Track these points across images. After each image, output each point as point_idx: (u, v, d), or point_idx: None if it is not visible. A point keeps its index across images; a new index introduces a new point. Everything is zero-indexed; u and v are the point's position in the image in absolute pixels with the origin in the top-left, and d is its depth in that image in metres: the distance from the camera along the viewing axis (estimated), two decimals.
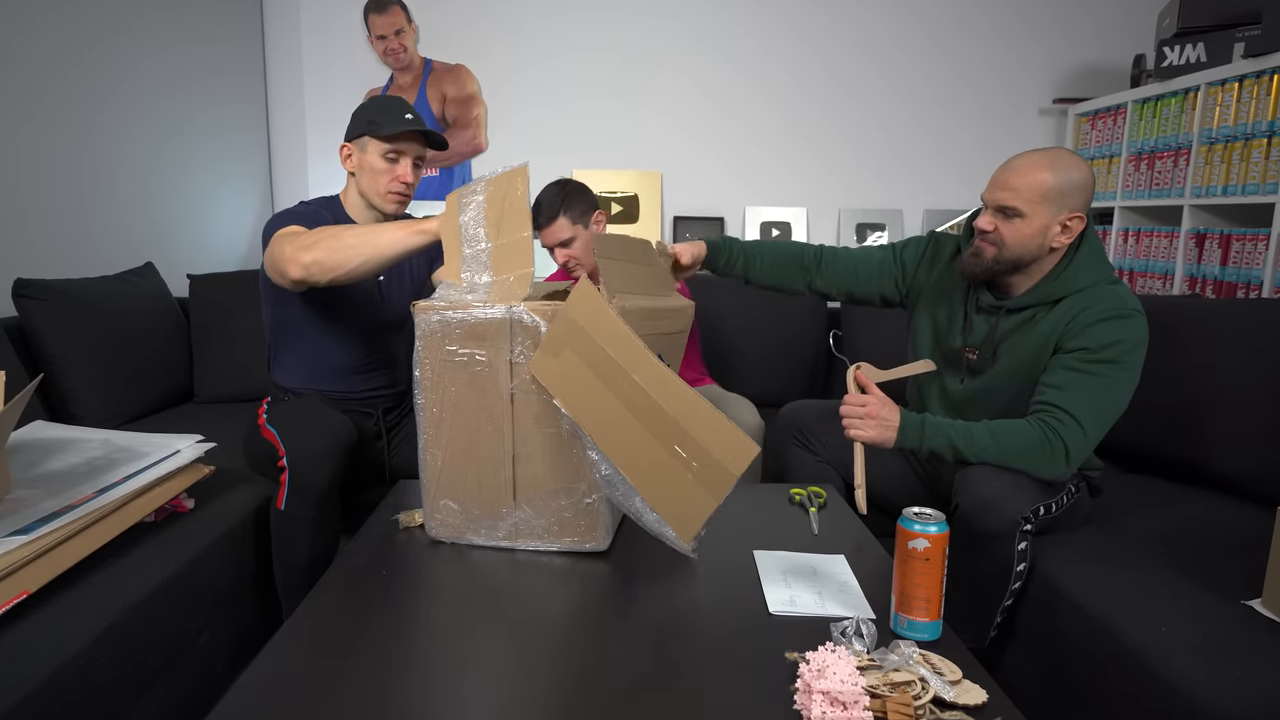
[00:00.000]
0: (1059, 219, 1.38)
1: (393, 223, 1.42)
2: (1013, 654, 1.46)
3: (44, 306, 1.98)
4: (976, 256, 1.46)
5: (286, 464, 1.48)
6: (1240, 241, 2.17)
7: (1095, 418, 1.37)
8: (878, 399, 1.39)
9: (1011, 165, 1.40)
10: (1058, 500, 1.43)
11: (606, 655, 0.98)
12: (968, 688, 0.87)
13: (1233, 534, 1.47)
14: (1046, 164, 1.37)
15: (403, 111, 1.66)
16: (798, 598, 1.09)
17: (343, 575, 1.17)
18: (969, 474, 1.40)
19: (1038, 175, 1.36)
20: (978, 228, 1.45)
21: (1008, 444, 1.38)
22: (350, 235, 1.42)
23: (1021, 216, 1.38)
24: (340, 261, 1.41)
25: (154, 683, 1.24)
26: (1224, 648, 1.09)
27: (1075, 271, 1.43)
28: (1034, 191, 1.36)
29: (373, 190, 1.69)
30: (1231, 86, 2.19)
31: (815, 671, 0.83)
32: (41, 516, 1.13)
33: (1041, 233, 1.38)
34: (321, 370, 1.76)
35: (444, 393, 1.21)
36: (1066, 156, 1.39)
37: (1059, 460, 1.36)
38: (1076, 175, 1.37)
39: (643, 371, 1.08)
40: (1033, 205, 1.36)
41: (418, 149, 1.69)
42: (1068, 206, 1.37)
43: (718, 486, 1.05)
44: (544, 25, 3.01)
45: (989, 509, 1.33)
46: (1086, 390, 1.36)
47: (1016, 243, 1.40)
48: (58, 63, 2.17)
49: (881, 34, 3.00)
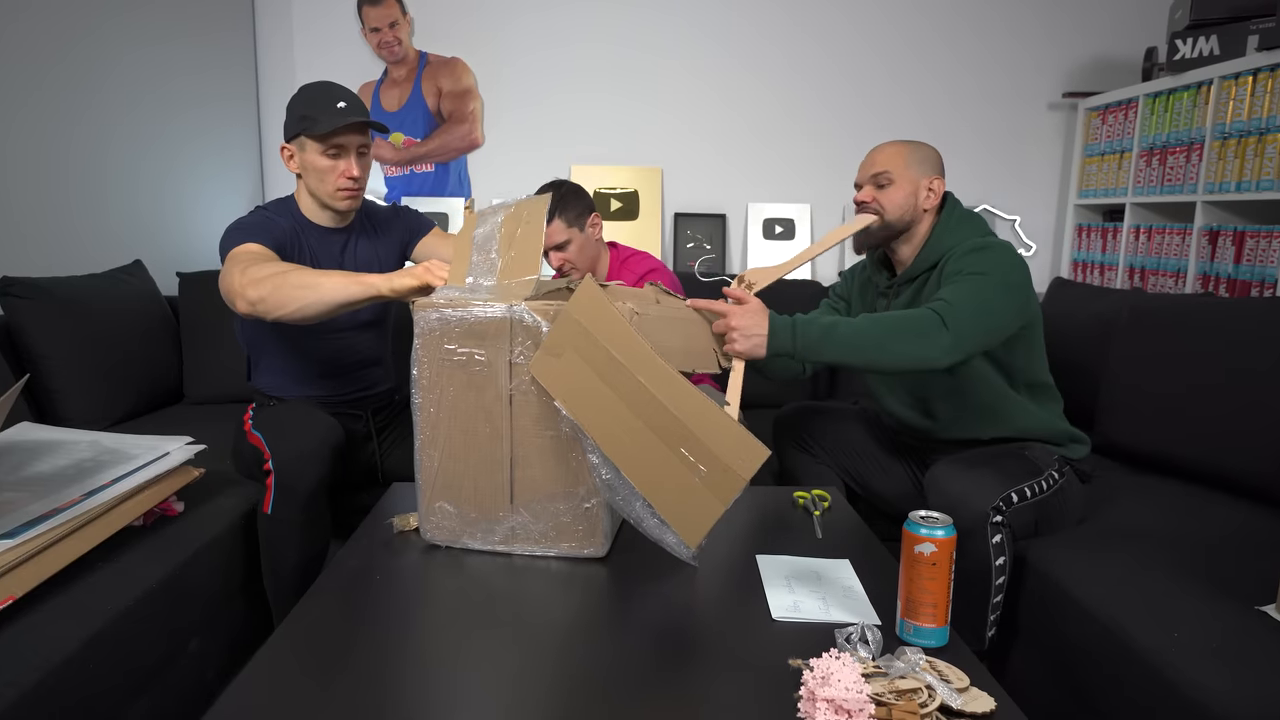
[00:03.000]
0: (923, 183, 1.57)
1: (338, 272, 1.42)
2: (1021, 660, 1.46)
3: (30, 305, 1.97)
4: (864, 230, 1.60)
5: (272, 467, 1.48)
6: (1254, 238, 2.17)
7: (971, 305, 1.41)
8: (740, 309, 1.35)
9: (872, 150, 1.63)
10: (1033, 486, 1.43)
11: (605, 663, 0.97)
12: (975, 695, 0.87)
13: (1246, 537, 1.47)
14: (901, 142, 1.62)
15: (334, 100, 1.60)
16: (801, 603, 1.09)
17: (335, 580, 1.17)
18: (934, 475, 1.43)
19: (894, 148, 1.60)
20: (858, 201, 1.61)
21: (885, 320, 1.40)
22: (296, 277, 1.42)
23: (892, 182, 1.57)
24: (284, 302, 1.40)
25: (143, 690, 1.24)
26: (1239, 655, 1.09)
27: (944, 234, 1.57)
28: (897, 159, 1.58)
29: (321, 190, 1.65)
30: (1245, 80, 2.19)
31: (819, 679, 0.83)
32: (28, 520, 1.13)
33: (912, 194, 1.57)
34: (301, 375, 1.75)
35: (441, 392, 1.21)
36: (915, 141, 1.64)
37: (935, 327, 1.37)
38: (928, 151, 1.61)
39: (647, 372, 1.07)
40: (899, 170, 1.57)
41: (359, 139, 1.62)
42: (926, 171, 1.58)
43: (726, 491, 1.04)
44: (542, 18, 3.01)
45: (957, 507, 1.34)
46: (960, 289, 1.43)
47: (894, 205, 1.57)
48: (43, 57, 2.16)
49: (886, 25, 3.00)
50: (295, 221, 1.69)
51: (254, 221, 1.63)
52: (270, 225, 1.62)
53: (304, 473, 1.48)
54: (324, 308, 1.40)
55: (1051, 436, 1.58)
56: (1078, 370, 1.96)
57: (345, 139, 1.61)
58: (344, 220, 1.75)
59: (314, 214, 1.72)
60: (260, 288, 1.41)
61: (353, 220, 1.77)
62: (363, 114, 1.62)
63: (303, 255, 1.67)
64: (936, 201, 1.59)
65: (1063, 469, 1.51)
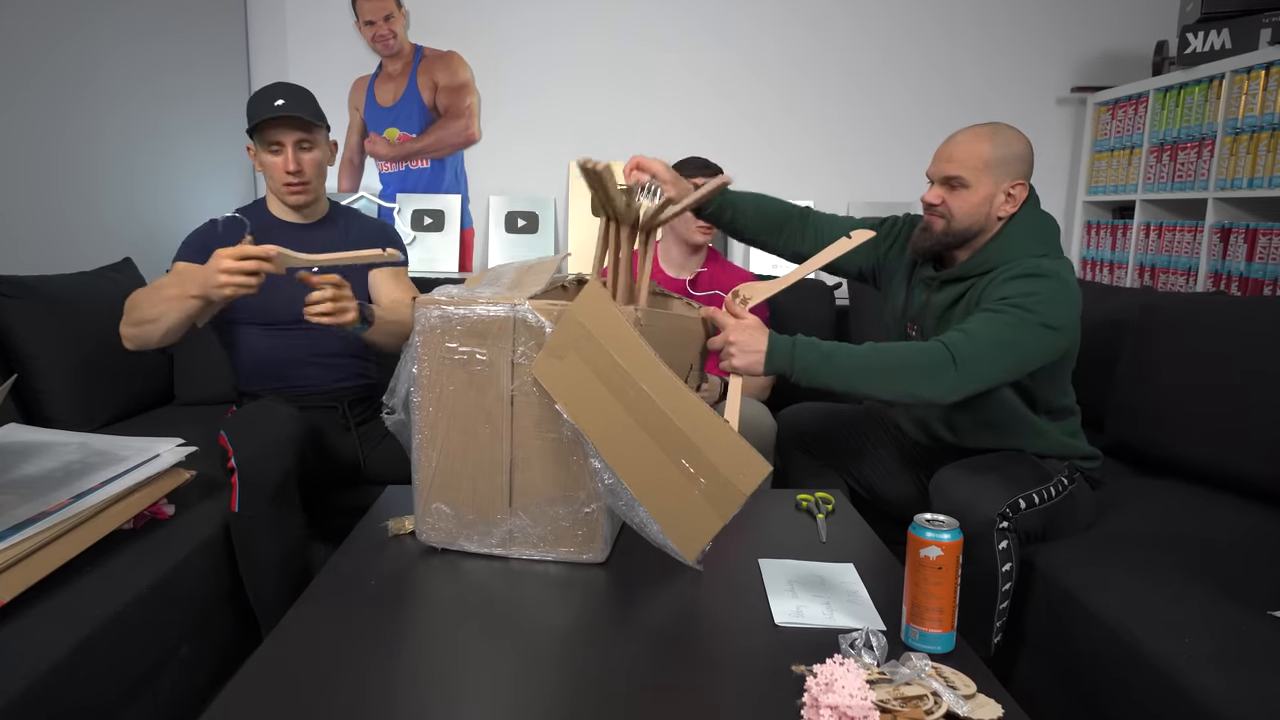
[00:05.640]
0: (1002, 187, 1.46)
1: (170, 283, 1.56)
2: (1028, 666, 1.46)
3: (17, 304, 1.97)
4: (926, 231, 1.52)
5: (235, 464, 1.48)
6: (1267, 236, 2.17)
7: (992, 344, 1.34)
8: (737, 324, 1.33)
9: (953, 139, 1.49)
10: (1041, 492, 1.42)
11: (605, 669, 0.97)
12: (982, 702, 0.87)
13: (1257, 541, 1.47)
14: (986, 135, 1.47)
15: (273, 98, 1.67)
16: (805, 608, 1.09)
17: (329, 584, 1.17)
18: (940, 480, 1.42)
19: (979, 145, 1.45)
20: (925, 202, 1.51)
21: (889, 351, 1.34)
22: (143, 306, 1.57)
23: (966, 186, 1.45)
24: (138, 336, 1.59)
25: (133, 697, 1.25)
26: (1250, 662, 1.09)
27: (1005, 244, 1.47)
28: (976, 160, 1.44)
29: (273, 187, 1.76)
30: (1258, 74, 2.19)
31: (823, 685, 0.83)
32: (15, 524, 1.13)
33: (987, 201, 1.46)
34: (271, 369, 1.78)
35: (441, 391, 1.21)
36: (1006, 129, 1.49)
37: (944, 365, 1.31)
38: (1017, 146, 1.47)
39: (651, 380, 1.07)
40: (975, 174, 1.44)
41: (297, 133, 1.69)
42: (1010, 175, 1.45)
43: (725, 505, 1.05)
44: (539, 11, 3.01)
45: (962, 513, 1.33)
46: (989, 323, 1.36)
47: (964, 213, 1.47)
48: (31, 52, 2.16)
49: (888, 19, 3.00)
50: (264, 221, 1.78)
51: (202, 234, 1.75)
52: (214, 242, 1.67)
53: (267, 467, 1.48)
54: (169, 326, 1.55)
55: (1066, 455, 1.55)
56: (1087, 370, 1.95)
57: (280, 135, 1.68)
58: (312, 216, 1.82)
59: (282, 212, 1.81)
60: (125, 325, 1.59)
61: (325, 218, 1.83)
62: (297, 110, 1.67)
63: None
64: (1014, 210, 1.47)
65: (1072, 476, 1.50)
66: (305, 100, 1.71)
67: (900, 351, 1.35)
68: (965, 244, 1.51)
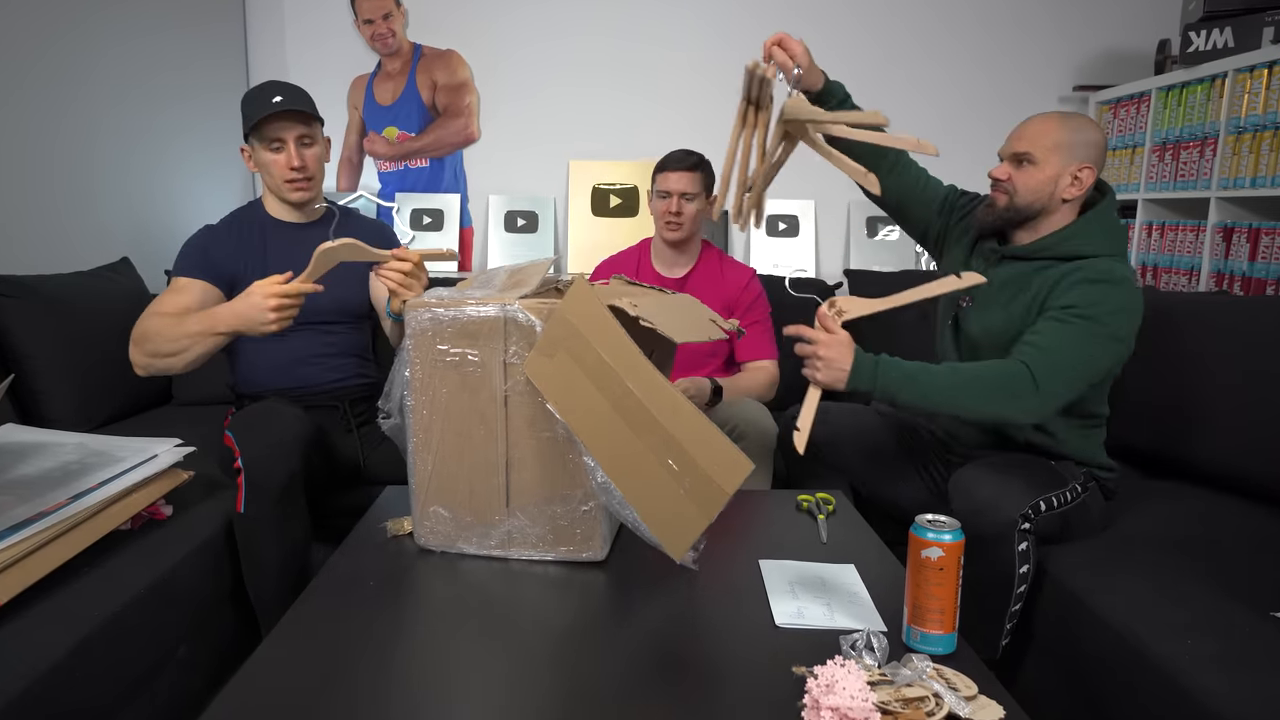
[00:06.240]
0: (1069, 169, 1.47)
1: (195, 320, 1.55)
2: (1031, 668, 1.46)
3: (14, 304, 1.97)
4: (990, 207, 1.55)
5: (241, 465, 1.48)
6: (1270, 235, 2.17)
7: (1067, 359, 1.38)
8: (829, 339, 1.35)
9: (1027, 120, 1.53)
10: (1060, 496, 1.42)
11: (604, 670, 0.97)
12: (984, 703, 0.87)
13: (1261, 542, 1.47)
14: (1060, 118, 1.50)
15: (270, 95, 1.67)
16: (805, 609, 1.09)
17: (328, 586, 1.17)
18: (960, 478, 1.42)
19: (1050, 125, 1.49)
20: (992, 177, 1.53)
21: (969, 373, 1.39)
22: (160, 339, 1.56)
23: (1034, 163, 1.48)
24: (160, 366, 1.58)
25: (130, 698, 1.25)
26: (1253, 663, 1.09)
27: (1083, 234, 1.48)
28: (1045, 138, 1.47)
29: (273, 185, 1.74)
30: (1261, 73, 2.19)
31: (824, 687, 0.83)
32: (12, 524, 1.13)
33: (1052, 180, 1.48)
34: (271, 368, 1.77)
35: (434, 394, 1.21)
36: (1081, 117, 1.53)
37: (1024, 380, 1.36)
38: (1089, 133, 1.49)
39: (636, 378, 1.07)
40: (1045, 152, 1.47)
41: (299, 129, 1.68)
42: (1078, 157, 1.47)
43: (709, 504, 1.04)
44: (539, 9, 3.01)
45: (985, 512, 1.34)
46: (1060, 337, 1.40)
47: (1029, 189, 1.49)
48: (26, 50, 2.16)
49: (890, 16, 3.00)
50: (262, 223, 1.77)
51: (210, 244, 1.72)
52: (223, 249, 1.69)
53: (273, 469, 1.49)
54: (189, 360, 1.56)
55: (1085, 461, 1.55)
56: None
57: (281, 131, 1.67)
58: (311, 216, 1.81)
59: (280, 212, 1.79)
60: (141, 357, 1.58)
61: (323, 217, 1.82)
62: (297, 104, 1.67)
63: (265, 257, 1.72)
64: (1080, 193, 1.49)
65: (1087, 483, 1.51)
66: (302, 96, 1.71)
67: (982, 374, 1.39)
68: (1027, 222, 1.52)
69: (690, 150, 2.12)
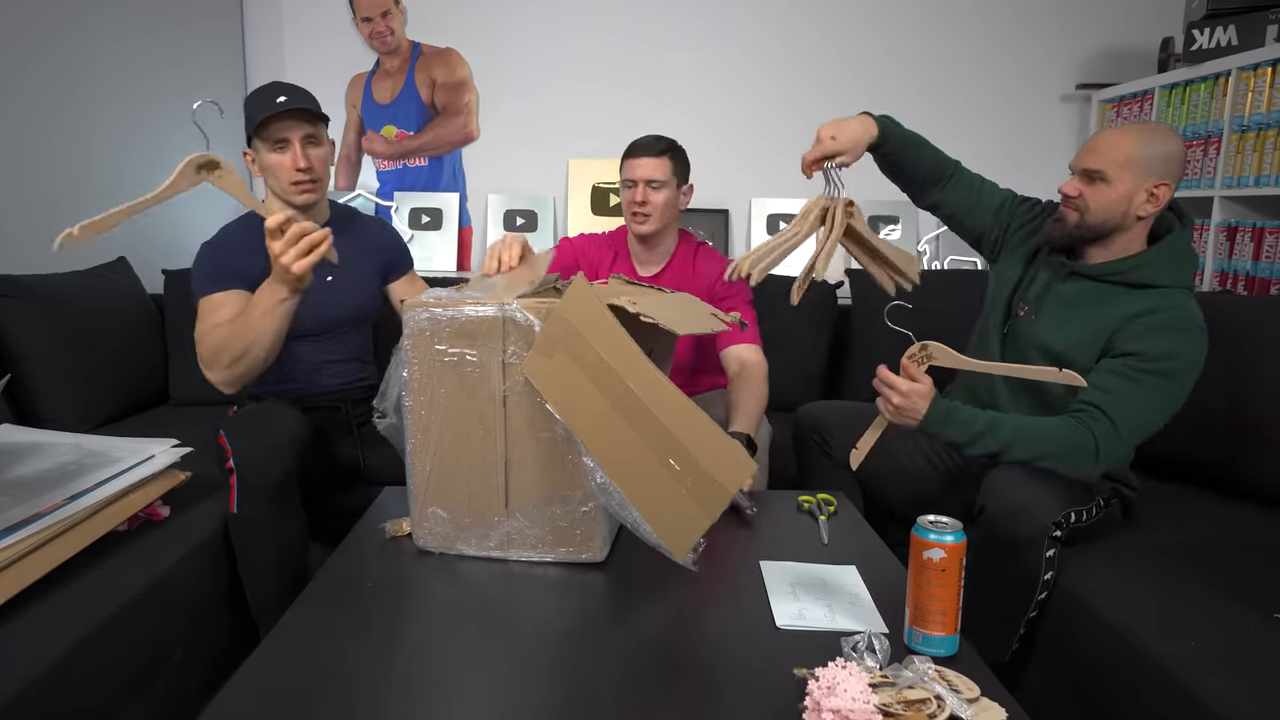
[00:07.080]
0: (1145, 185, 1.41)
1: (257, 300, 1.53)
2: (1034, 670, 1.46)
3: (11, 303, 1.98)
4: (1059, 222, 1.50)
5: (233, 464, 1.48)
6: (1274, 235, 2.17)
7: (1133, 424, 1.39)
8: (911, 389, 1.35)
9: (1101, 133, 1.49)
10: (1089, 509, 1.43)
11: (603, 672, 0.97)
12: (986, 706, 0.87)
13: (1266, 544, 1.47)
14: (1135, 131, 1.46)
15: (274, 95, 1.65)
16: (806, 611, 1.09)
17: (326, 587, 1.17)
18: (996, 476, 1.40)
19: (1123, 138, 1.43)
20: (1063, 193, 1.49)
21: (1031, 431, 1.39)
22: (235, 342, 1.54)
23: (1106, 181, 1.42)
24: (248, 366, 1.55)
25: (127, 700, 1.25)
26: (1256, 664, 1.09)
27: (1154, 263, 1.45)
28: (1119, 154, 1.41)
29: (278, 187, 1.71)
30: (1264, 71, 2.19)
31: (825, 689, 0.83)
32: (8, 525, 1.13)
33: (1126, 199, 1.42)
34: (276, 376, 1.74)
35: (433, 394, 1.21)
36: (1159, 127, 1.49)
37: (1088, 452, 1.37)
38: (1167, 146, 1.43)
39: (636, 377, 1.07)
40: (1117, 169, 1.41)
41: (304, 128, 1.66)
42: (1154, 173, 1.41)
43: (712, 504, 1.04)
44: (538, 8, 3.01)
45: (1019, 514, 1.33)
46: (1129, 397, 1.39)
47: (1100, 208, 1.44)
48: (24, 48, 2.17)
49: (891, 14, 3.00)
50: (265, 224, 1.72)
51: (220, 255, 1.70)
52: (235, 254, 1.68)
53: (266, 468, 1.48)
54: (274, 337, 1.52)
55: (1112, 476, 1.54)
56: None
57: (286, 131, 1.65)
58: (316, 218, 1.79)
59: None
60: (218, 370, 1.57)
61: (328, 219, 1.81)
62: (303, 103, 1.65)
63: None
64: (1155, 210, 1.43)
65: (1110, 499, 1.50)
66: (308, 96, 1.70)
67: (1047, 436, 1.40)
68: (1099, 239, 1.48)
69: (661, 135, 1.98)
